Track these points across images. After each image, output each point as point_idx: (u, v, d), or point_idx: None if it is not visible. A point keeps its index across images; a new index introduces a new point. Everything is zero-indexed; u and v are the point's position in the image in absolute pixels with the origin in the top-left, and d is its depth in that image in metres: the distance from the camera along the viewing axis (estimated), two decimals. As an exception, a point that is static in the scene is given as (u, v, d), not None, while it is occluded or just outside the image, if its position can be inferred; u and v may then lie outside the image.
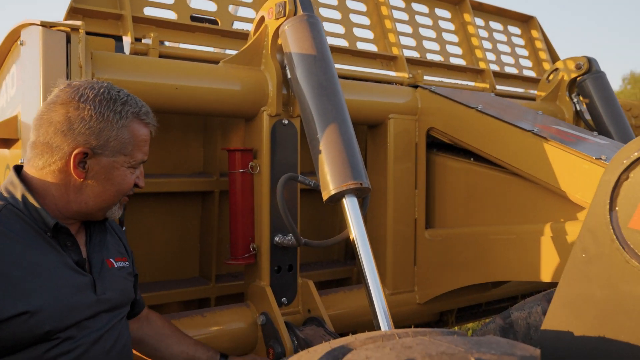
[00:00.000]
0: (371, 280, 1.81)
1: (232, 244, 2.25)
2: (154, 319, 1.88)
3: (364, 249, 1.84)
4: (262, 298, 2.19)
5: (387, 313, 1.78)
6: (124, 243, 1.71)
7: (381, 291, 1.81)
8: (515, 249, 2.26)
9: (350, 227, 1.86)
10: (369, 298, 1.79)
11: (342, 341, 1.14)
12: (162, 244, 2.49)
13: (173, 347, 1.85)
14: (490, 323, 1.75)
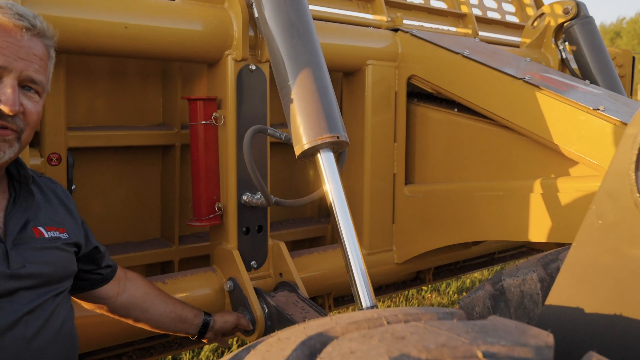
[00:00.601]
0: (349, 243, 1.63)
1: (195, 203, 2.04)
2: (135, 278, 1.71)
3: (340, 209, 1.66)
4: (229, 262, 2.01)
5: (365, 278, 1.61)
6: (69, 210, 1.48)
7: (360, 255, 1.63)
8: (502, 206, 2.11)
9: (326, 184, 1.67)
10: (347, 262, 1.62)
11: (318, 326, 0.96)
12: (119, 203, 2.27)
13: (161, 307, 1.69)
14: (479, 290, 1.60)
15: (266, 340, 0.98)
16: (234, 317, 1.85)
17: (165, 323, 1.70)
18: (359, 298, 1.60)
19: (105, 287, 1.60)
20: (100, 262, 1.57)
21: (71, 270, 1.40)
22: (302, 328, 0.97)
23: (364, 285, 1.61)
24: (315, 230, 2.77)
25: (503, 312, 1.54)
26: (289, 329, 1.01)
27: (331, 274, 2.37)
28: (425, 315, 0.95)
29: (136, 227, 2.32)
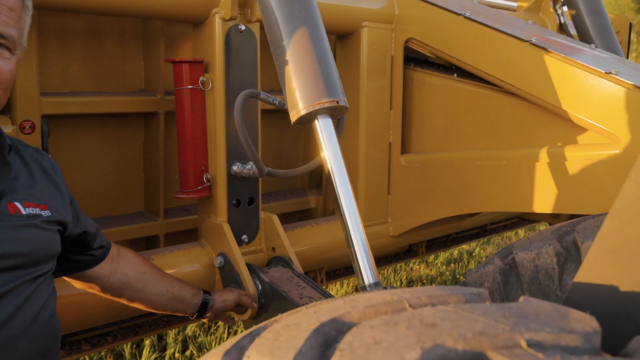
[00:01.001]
0: (349, 215, 1.53)
1: (182, 174, 1.91)
2: (129, 256, 1.59)
3: (340, 178, 1.55)
4: (219, 236, 1.89)
5: (368, 253, 1.52)
6: (56, 185, 1.33)
7: (361, 227, 1.53)
8: (505, 176, 2.01)
9: (324, 153, 1.55)
10: (347, 235, 1.52)
11: (331, 310, 0.85)
12: (99, 174, 2.12)
13: (157, 286, 1.58)
14: (487, 264, 1.51)
15: (272, 327, 0.87)
16: (234, 295, 1.73)
17: (161, 303, 1.59)
18: (361, 274, 1.50)
19: (97, 267, 1.47)
20: (91, 244, 1.44)
21: (53, 251, 1.26)
22: (313, 312, 0.86)
23: (366, 260, 1.51)
24: (306, 202, 2.66)
25: (514, 288, 1.45)
26: (297, 313, 0.90)
27: (326, 248, 2.27)
28: (451, 297, 0.84)
29: (118, 200, 2.18)
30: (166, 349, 3.63)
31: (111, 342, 2.05)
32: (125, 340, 2.07)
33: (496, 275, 1.48)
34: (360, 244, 1.52)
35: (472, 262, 5.29)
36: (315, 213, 2.69)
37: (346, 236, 1.53)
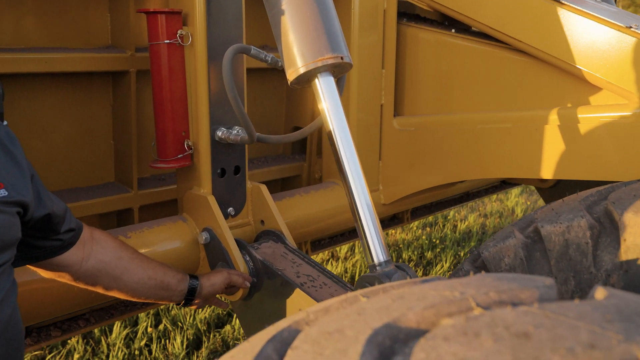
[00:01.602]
0: (355, 183, 1.37)
1: (160, 141, 1.70)
2: (104, 239, 1.39)
3: (345, 144, 1.38)
4: (203, 209, 1.71)
5: (377, 225, 1.37)
6: (15, 160, 1.11)
7: (368, 197, 1.38)
8: (510, 140, 1.88)
9: (327, 115, 1.38)
10: (353, 206, 1.36)
11: (379, 311, 0.69)
12: (63, 141, 1.89)
13: (137, 273, 1.40)
14: (508, 238, 1.38)
15: (306, 333, 0.70)
16: (223, 276, 1.55)
17: (142, 291, 1.41)
18: (370, 250, 1.35)
19: (67, 253, 1.27)
20: (58, 227, 1.24)
21: (11, 237, 1.05)
22: (356, 314, 0.71)
23: (375, 235, 1.36)
24: (289, 169, 2.48)
25: (539, 264, 1.32)
26: (332, 313, 0.74)
27: (316, 218, 2.11)
28: (523, 292, 0.69)
29: (85, 170, 1.96)
30: (138, 323, 3.45)
31: (83, 326, 1.86)
32: (99, 323, 1.88)
33: (518, 250, 1.35)
34: (368, 217, 1.36)
35: (447, 226, 5.24)
36: (299, 181, 2.52)
37: (352, 208, 1.37)
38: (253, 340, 0.80)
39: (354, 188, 1.37)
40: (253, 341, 0.79)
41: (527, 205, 5.89)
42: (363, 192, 1.37)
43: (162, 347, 3.24)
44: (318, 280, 1.57)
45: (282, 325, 0.81)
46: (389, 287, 0.82)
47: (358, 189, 1.37)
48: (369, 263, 1.36)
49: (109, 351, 3.17)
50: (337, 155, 1.39)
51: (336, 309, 0.78)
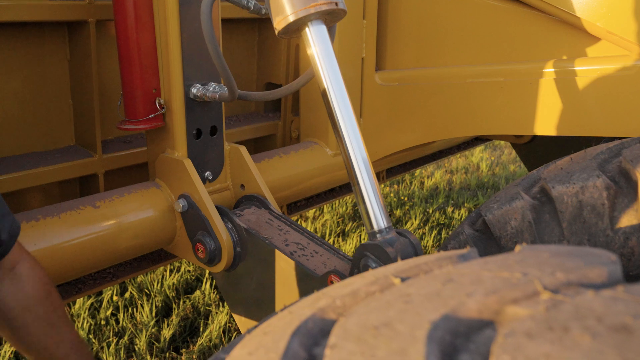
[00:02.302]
0: (351, 142, 1.26)
1: (128, 99, 1.53)
2: (27, 281, 1.11)
3: (340, 99, 1.27)
4: (178, 174, 1.56)
5: (376, 191, 1.26)
6: None
7: (367, 157, 1.27)
8: (503, 95, 1.78)
9: (319, 67, 1.25)
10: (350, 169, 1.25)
11: (430, 299, 0.59)
12: (12, 101, 1.69)
13: (35, 338, 1.13)
14: (514, 199, 1.29)
15: (345, 328, 0.59)
16: None
17: (31, 355, 1.15)
18: (369, 217, 1.25)
19: None
20: None
21: None
22: (404, 304, 0.60)
23: (375, 200, 1.25)
24: (263, 129, 2.33)
25: (549, 227, 1.25)
26: (372, 305, 0.63)
27: (297, 180, 1.99)
28: (591, 271, 0.60)
29: (41, 133, 1.77)
30: (102, 292, 3.29)
31: (49, 303, 1.71)
32: (66, 299, 1.73)
33: (526, 212, 1.27)
34: (367, 180, 1.25)
35: (414, 183, 5.21)
36: (274, 141, 2.38)
37: (349, 170, 1.26)
38: (270, 330, 0.69)
39: (351, 148, 1.26)
40: (271, 333, 0.67)
41: (492, 161, 5.92)
42: (360, 153, 1.26)
43: (129, 316, 3.11)
44: (308, 248, 1.47)
45: (301, 312, 0.70)
46: (423, 265, 0.71)
47: (355, 149, 1.26)
48: (368, 230, 1.26)
49: (73, 322, 3.02)
50: (331, 112, 1.26)
51: (369, 293, 0.67)
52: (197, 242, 1.52)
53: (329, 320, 0.67)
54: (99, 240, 1.44)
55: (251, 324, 1.53)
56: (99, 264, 1.49)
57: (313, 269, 1.37)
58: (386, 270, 0.74)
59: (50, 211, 1.40)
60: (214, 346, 2.87)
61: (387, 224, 1.25)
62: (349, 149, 1.25)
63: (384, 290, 0.66)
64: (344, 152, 1.26)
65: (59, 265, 1.38)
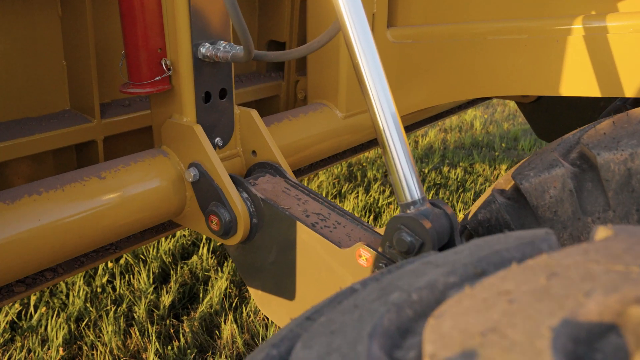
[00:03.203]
0: (383, 107, 1.17)
1: (131, 60, 1.41)
2: None
3: (369, 56, 1.17)
4: (188, 141, 1.46)
5: (409, 159, 1.18)
6: None
7: (399, 125, 1.18)
8: (527, 53, 1.69)
9: (346, 20, 1.15)
10: (382, 134, 1.16)
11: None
12: (1, 64, 1.55)
13: None
14: (552, 167, 1.22)
15: (440, 332, 0.51)
16: None
17: None
18: (402, 187, 1.17)
19: None
20: None
21: None
22: (508, 304, 0.52)
23: (408, 168, 1.17)
24: (265, 90, 2.22)
25: (593, 196, 1.18)
26: (463, 303, 0.55)
27: (307, 144, 1.89)
28: None
29: (32, 97, 1.63)
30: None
31: (51, 278, 1.62)
32: (68, 274, 1.64)
33: (566, 180, 1.20)
34: (399, 148, 1.17)
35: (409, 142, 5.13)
36: (277, 103, 2.27)
37: (380, 137, 1.17)
38: (338, 329, 0.61)
39: (382, 112, 1.17)
40: (341, 332, 0.60)
41: (485, 119, 5.86)
42: (393, 118, 1.17)
43: (126, 283, 3.03)
44: (330, 219, 1.38)
45: (370, 307, 0.62)
46: (504, 252, 0.64)
47: (387, 114, 1.17)
48: (400, 202, 1.18)
49: (68, 290, 2.94)
50: (360, 73, 1.17)
51: (448, 286, 0.59)
52: (210, 213, 1.43)
53: (405, 317, 0.59)
54: (106, 213, 1.34)
55: (270, 299, 1.46)
56: (106, 239, 1.40)
57: (337, 242, 1.30)
58: (459, 257, 0.66)
59: (52, 183, 1.29)
60: (215, 312, 2.82)
61: (421, 194, 1.17)
62: (379, 111, 1.16)
63: (471, 283, 0.58)
64: (373, 115, 1.17)
65: (65, 242, 1.28)
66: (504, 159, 4.80)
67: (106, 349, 2.52)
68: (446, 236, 1.18)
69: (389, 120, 1.17)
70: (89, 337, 2.61)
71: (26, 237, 1.21)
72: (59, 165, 1.73)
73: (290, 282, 1.39)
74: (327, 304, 0.74)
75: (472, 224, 1.37)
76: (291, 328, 0.72)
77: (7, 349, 2.56)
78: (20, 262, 1.23)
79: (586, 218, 1.18)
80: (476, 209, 1.40)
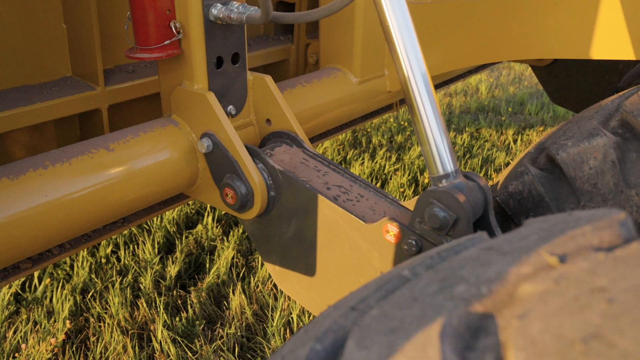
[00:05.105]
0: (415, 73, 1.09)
1: (138, 23, 1.31)
2: None
3: (400, 16, 1.09)
4: (200, 110, 1.37)
5: (442, 129, 1.10)
6: None
7: (433, 93, 1.10)
8: (557, 14, 1.59)
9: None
10: (413, 104, 1.08)
11: None
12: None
13: None
14: (593, 137, 1.14)
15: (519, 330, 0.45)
16: None
17: None
18: (434, 159, 1.09)
19: None
20: None
21: None
22: (607, 304, 0.45)
23: (441, 139, 1.09)
24: (274, 54, 2.12)
25: (637, 166, 1.11)
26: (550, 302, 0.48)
27: (320, 111, 1.81)
28: None
29: (31, 63, 1.54)
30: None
31: (57, 254, 1.55)
32: (75, 249, 1.57)
33: (608, 150, 1.12)
34: (432, 118, 1.09)
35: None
36: (286, 67, 2.17)
37: (411, 106, 1.09)
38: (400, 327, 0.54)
39: (413, 76, 1.08)
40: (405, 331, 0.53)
41: (490, 82, 5.74)
42: (425, 82, 1.09)
43: (131, 253, 2.98)
44: (352, 191, 1.31)
45: (433, 302, 0.55)
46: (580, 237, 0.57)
47: (418, 77, 1.09)
48: (432, 174, 1.11)
49: (72, 262, 2.89)
50: (389, 33, 1.08)
51: (522, 278, 0.53)
52: (225, 186, 1.35)
53: (475, 315, 0.53)
54: (116, 187, 1.26)
55: (288, 274, 1.40)
56: (116, 214, 1.33)
57: (362, 216, 1.23)
58: (527, 242, 0.59)
59: (58, 156, 1.21)
60: (222, 283, 2.78)
61: (454, 167, 1.10)
62: (410, 77, 1.08)
63: (551, 276, 0.51)
64: (403, 80, 1.09)
65: (74, 219, 1.21)
66: (511, 124, 4.71)
67: (113, 321, 2.49)
68: (480, 210, 1.11)
69: (419, 84, 1.09)
70: (95, 308, 2.57)
71: (32, 214, 1.13)
72: (61, 136, 1.65)
73: (311, 258, 1.33)
74: (373, 292, 0.67)
75: (502, 196, 1.30)
76: (335, 319, 0.65)
77: (13, 321, 2.52)
78: (26, 240, 1.16)
79: (629, 191, 1.11)
80: (505, 179, 1.33)
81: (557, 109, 5.00)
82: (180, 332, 2.44)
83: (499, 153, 4.13)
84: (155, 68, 1.71)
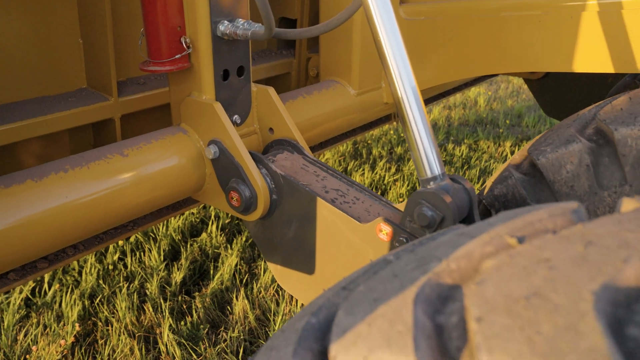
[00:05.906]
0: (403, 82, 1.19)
1: (151, 38, 1.42)
2: None
3: (390, 30, 1.19)
4: (208, 119, 1.47)
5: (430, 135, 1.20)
6: None
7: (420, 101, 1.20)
8: (541, 30, 1.70)
9: None
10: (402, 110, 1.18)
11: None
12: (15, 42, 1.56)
13: None
14: (569, 143, 1.24)
15: (483, 298, 0.54)
16: None
17: None
18: (422, 162, 1.19)
19: None
20: None
21: None
22: (548, 270, 0.54)
23: (428, 144, 1.19)
24: (276, 67, 2.23)
25: (609, 170, 1.20)
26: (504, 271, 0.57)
27: (320, 122, 1.91)
28: None
29: (48, 75, 1.65)
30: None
31: (72, 254, 1.65)
32: (88, 250, 1.67)
33: (583, 155, 1.22)
34: (420, 124, 1.19)
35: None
36: (288, 80, 2.28)
37: (401, 113, 1.19)
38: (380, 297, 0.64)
39: (403, 87, 1.18)
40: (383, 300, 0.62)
41: (489, 96, 5.85)
42: (414, 93, 1.19)
43: (137, 260, 3.07)
44: (348, 195, 1.41)
45: (410, 276, 0.65)
46: (537, 222, 0.66)
47: (407, 89, 1.19)
48: (421, 177, 1.21)
49: (80, 268, 2.98)
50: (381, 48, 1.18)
51: (485, 255, 0.62)
52: (230, 190, 1.45)
53: (445, 285, 0.62)
54: (130, 190, 1.36)
55: (289, 273, 1.49)
56: (129, 215, 1.42)
57: (357, 217, 1.32)
58: (494, 229, 0.68)
59: (77, 161, 1.31)
60: (226, 289, 2.87)
61: (441, 170, 1.20)
62: (399, 86, 1.18)
63: (508, 252, 0.60)
64: (394, 90, 1.19)
65: (91, 218, 1.31)
66: (508, 136, 4.81)
67: (121, 325, 2.57)
68: (465, 210, 1.21)
69: (409, 95, 1.19)
70: (103, 313, 2.66)
71: (54, 214, 1.23)
72: (75, 144, 1.75)
73: (310, 257, 1.42)
74: (361, 275, 0.77)
75: (488, 199, 1.40)
76: (328, 297, 0.75)
77: (24, 324, 2.61)
78: (47, 237, 1.26)
79: (602, 192, 1.20)
80: (491, 184, 1.43)
81: (554, 122, 5.10)
82: (185, 335, 2.52)
83: (497, 164, 4.23)
84: (164, 80, 1.81)
